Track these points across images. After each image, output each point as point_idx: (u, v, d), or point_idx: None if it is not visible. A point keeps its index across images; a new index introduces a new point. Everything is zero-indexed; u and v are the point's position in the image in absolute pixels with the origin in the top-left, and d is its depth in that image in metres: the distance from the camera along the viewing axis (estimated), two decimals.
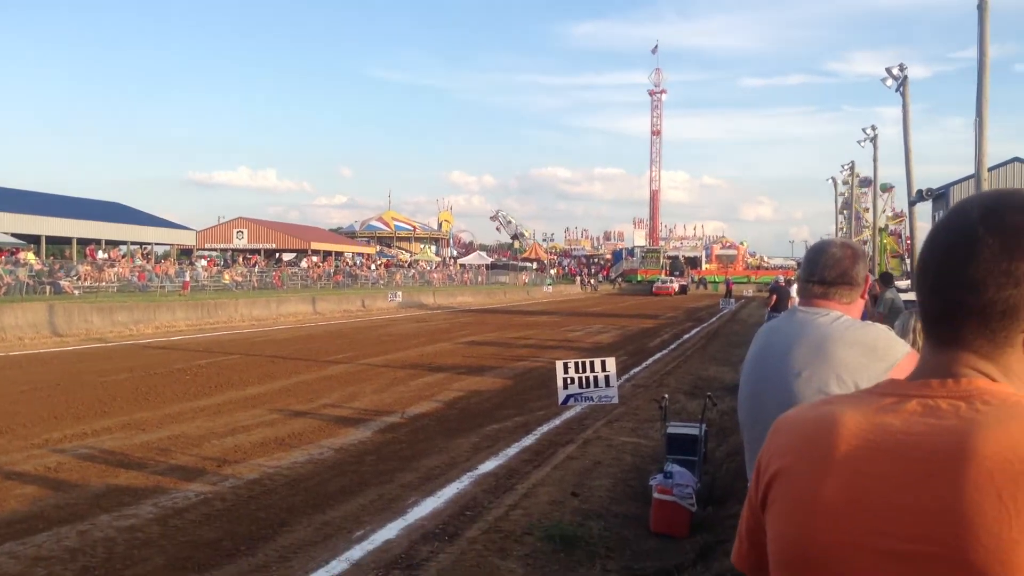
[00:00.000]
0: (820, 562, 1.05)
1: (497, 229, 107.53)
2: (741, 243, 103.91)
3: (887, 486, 1.01)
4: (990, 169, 20.46)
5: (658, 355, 21.54)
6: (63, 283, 36.71)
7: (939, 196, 36.14)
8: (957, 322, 1.07)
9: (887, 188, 72.07)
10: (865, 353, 2.48)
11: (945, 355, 1.09)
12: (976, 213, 1.07)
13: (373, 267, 70.97)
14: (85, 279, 39.17)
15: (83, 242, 49.70)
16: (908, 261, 41.93)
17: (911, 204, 29.35)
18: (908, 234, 38.51)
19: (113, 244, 52.08)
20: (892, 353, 2.48)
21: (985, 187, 17.78)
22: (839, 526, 1.04)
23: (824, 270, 2.69)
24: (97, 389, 13.80)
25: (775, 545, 1.12)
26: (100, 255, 47.66)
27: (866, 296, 2.72)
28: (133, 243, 54.91)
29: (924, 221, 33.92)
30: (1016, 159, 44.17)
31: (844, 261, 2.68)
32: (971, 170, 19.36)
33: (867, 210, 62.51)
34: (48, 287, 35.62)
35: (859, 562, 1.01)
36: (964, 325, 1.06)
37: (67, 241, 49.88)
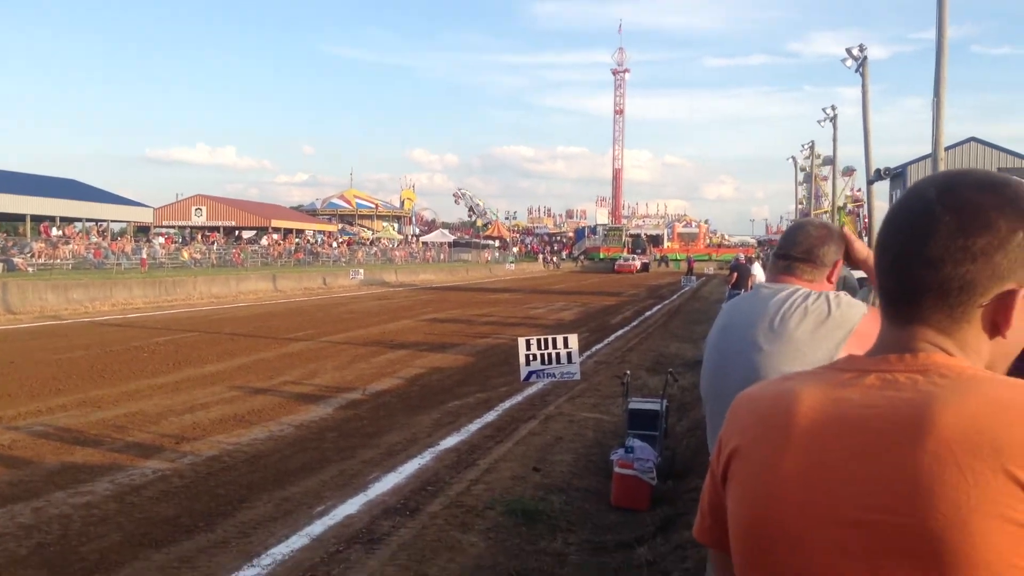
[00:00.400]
0: (780, 534, 1.06)
1: (470, 214, 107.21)
2: (704, 222, 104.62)
3: (846, 458, 1.03)
4: (947, 149, 20.74)
5: (620, 332, 21.65)
6: (16, 260, 36.08)
7: (897, 175, 36.57)
8: (915, 299, 1.09)
9: (848, 171, 72.85)
10: (820, 324, 2.47)
11: (903, 331, 1.11)
12: (933, 192, 1.10)
13: (335, 245, 70.45)
14: (39, 256, 38.52)
15: (37, 219, 48.85)
16: (866, 239, 42.60)
17: (869, 183, 29.69)
18: (866, 214, 38.95)
19: (68, 221, 51.19)
20: (848, 319, 2.47)
21: (942, 166, 18.01)
22: (798, 498, 1.05)
23: (791, 246, 2.70)
24: (52, 366, 13.58)
25: (735, 519, 1.13)
26: (55, 232, 46.85)
27: (833, 280, 2.70)
28: (88, 220, 53.99)
29: (882, 200, 34.36)
30: (972, 139, 44.80)
31: (812, 239, 2.68)
32: (928, 150, 19.58)
33: (825, 179, 63.09)
34: (1, 264, 34.98)
35: (819, 532, 1.03)
36: (922, 301, 1.08)
37: (20, 218, 49.01)
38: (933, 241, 1.06)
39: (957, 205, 1.06)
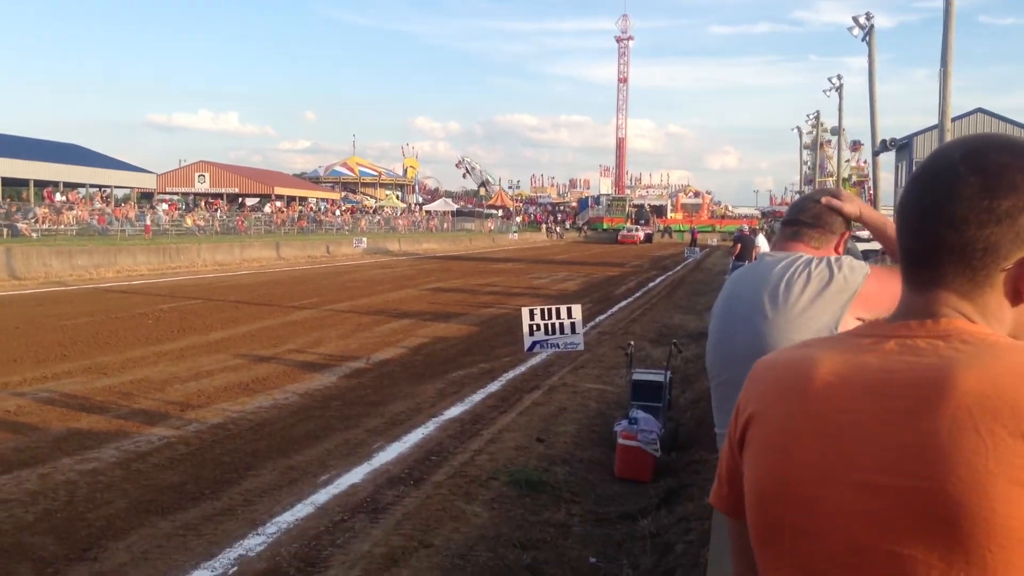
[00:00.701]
0: (795, 498, 1.06)
1: (464, 176, 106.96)
2: (707, 192, 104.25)
3: (865, 421, 1.02)
4: (954, 120, 20.58)
5: (623, 303, 21.65)
6: (20, 226, 36.05)
7: (903, 146, 36.40)
8: (938, 261, 1.08)
9: (856, 145, 72.53)
10: (822, 289, 2.49)
11: (924, 296, 1.10)
12: (958, 154, 1.08)
13: (338, 213, 70.33)
14: (43, 222, 38.49)
15: (40, 184, 48.69)
16: None
17: (875, 154, 29.56)
18: (871, 186, 38.81)
19: (71, 187, 51.10)
20: (851, 282, 2.48)
21: (948, 138, 17.90)
22: (814, 462, 1.05)
23: (800, 212, 2.74)
24: (57, 333, 13.62)
25: (751, 484, 1.13)
26: (58, 197, 46.76)
27: (841, 251, 2.71)
28: (92, 186, 53.88)
29: (888, 172, 34.21)
30: (979, 110, 44.44)
31: (821, 206, 2.70)
32: (934, 121, 19.48)
33: (828, 143, 62.74)
34: (5, 230, 34.97)
35: (834, 496, 1.02)
36: (944, 264, 1.07)
37: (24, 183, 48.82)
38: (957, 202, 1.05)
39: (983, 166, 1.05)
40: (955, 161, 1.07)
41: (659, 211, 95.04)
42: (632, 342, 9.35)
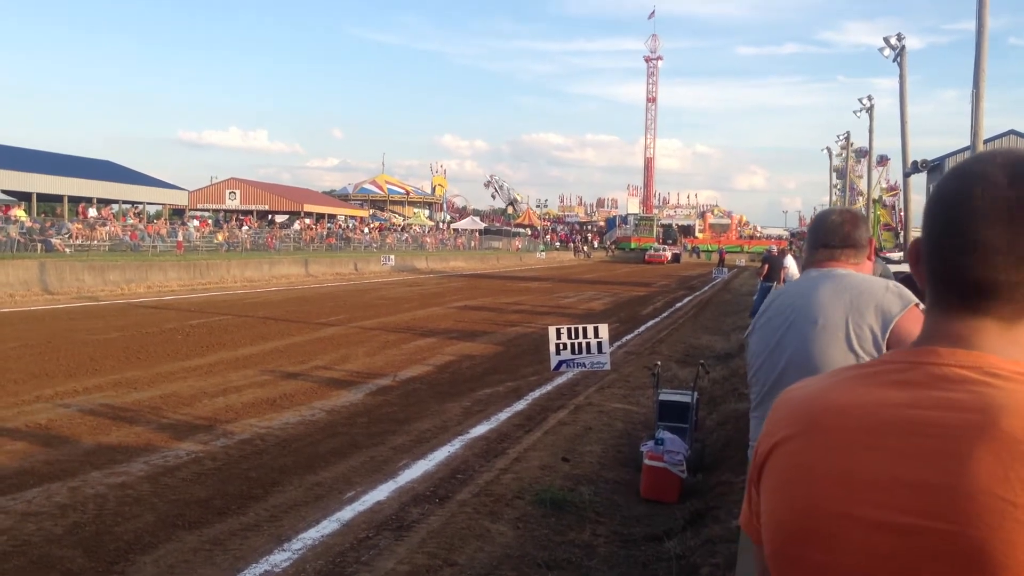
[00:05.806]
0: (813, 534, 1.02)
1: (492, 196, 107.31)
2: (734, 214, 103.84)
3: (889, 459, 0.98)
4: (986, 141, 20.39)
5: (650, 323, 21.55)
6: (54, 241, 36.48)
7: (934, 168, 36.04)
8: (975, 287, 1.02)
9: (883, 160, 71.91)
10: (874, 292, 2.66)
11: (954, 323, 1.04)
12: (1001, 172, 1.02)
13: (366, 230, 70.69)
14: (77, 237, 38.92)
15: (74, 200, 49.39)
16: (902, 234, 41.96)
17: (906, 175, 29.38)
18: (902, 206, 38.48)
19: (105, 203, 51.74)
20: (892, 307, 2.62)
21: None
22: (836, 497, 1.01)
23: (827, 236, 2.89)
24: (89, 347, 13.77)
25: (768, 516, 1.09)
26: (92, 213, 47.33)
27: (873, 259, 2.89)
28: (125, 202, 54.57)
29: (919, 193, 33.96)
30: (1012, 132, 43.97)
31: (844, 226, 2.92)
32: (965, 142, 19.31)
33: (860, 177, 62.37)
34: (39, 245, 35.39)
35: (854, 533, 0.99)
36: (986, 291, 1.01)
37: (58, 199, 49.59)
38: (1004, 225, 0.99)
39: None
40: (1001, 178, 1.01)
41: (687, 231, 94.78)
42: (659, 362, 9.32)
